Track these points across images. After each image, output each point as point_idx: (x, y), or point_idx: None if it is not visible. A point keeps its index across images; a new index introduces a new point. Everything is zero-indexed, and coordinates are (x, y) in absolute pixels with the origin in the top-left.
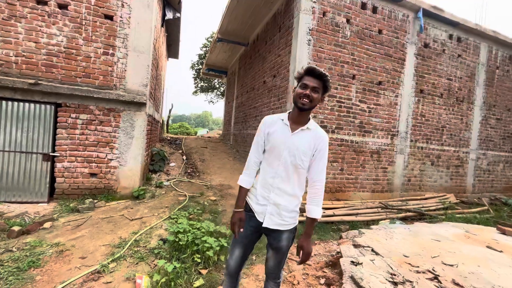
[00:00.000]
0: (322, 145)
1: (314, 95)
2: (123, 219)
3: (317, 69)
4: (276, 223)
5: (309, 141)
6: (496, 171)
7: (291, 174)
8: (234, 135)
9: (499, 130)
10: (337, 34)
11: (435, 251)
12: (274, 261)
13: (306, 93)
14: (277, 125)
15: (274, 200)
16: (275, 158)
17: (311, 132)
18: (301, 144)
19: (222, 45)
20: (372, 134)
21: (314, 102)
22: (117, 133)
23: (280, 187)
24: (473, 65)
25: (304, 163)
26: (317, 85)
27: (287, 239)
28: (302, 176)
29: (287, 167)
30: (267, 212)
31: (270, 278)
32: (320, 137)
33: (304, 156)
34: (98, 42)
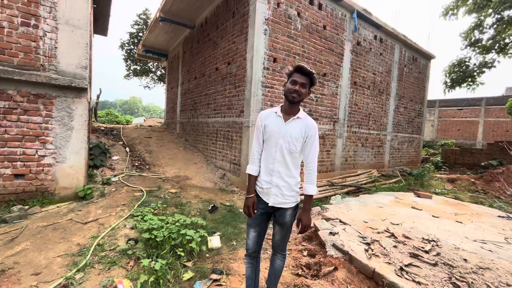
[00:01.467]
0: (312, 131)
1: (303, 90)
2: (74, 224)
3: (305, 67)
4: (280, 202)
5: (300, 128)
6: (403, 149)
7: (287, 158)
8: (182, 124)
9: (405, 116)
10: (290, 26)
11: (382, 215)
12: (280, 235)
13: (295, 88)
14: (271, 117)
15: (276, 183)
16: (272, 145)
17: (302, 120)
18: (293, 132)
19: (164, 25)
20: (318, 121)
21: (303, 96)
22: (50, 124)
23: (279, 170)
24: (389, 62)
25: (297, 148)
26: (305, 81)
27: (290, 215)
28: (296, 159)
29: (283, 152)
30: (271, 194)
31: (278, 251)
32: (309, 125)
33: (297, 141)
34: (13, 9)
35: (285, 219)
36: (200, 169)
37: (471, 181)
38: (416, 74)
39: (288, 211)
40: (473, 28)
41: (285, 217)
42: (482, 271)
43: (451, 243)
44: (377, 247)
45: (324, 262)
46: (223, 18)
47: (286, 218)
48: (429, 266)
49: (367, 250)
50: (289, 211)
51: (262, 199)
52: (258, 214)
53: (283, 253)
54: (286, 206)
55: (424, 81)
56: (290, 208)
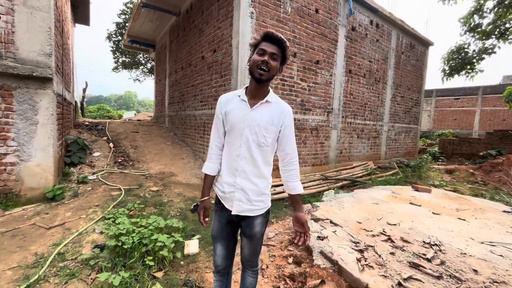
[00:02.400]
0: (287, 119)
1: (273, 63)
2: (36, 229)
3: (275, 33)
4: (246, 209)
5: (270, 115)
6: (400, 139)
7: (255, 154)
8: (170, 117)
9: (402, 105)
10: (279, 9)
11: (378, 213)
12: (249, 249)
13: (264, 59)
14: (234, 102)
15: (241, 185)
16: (236, 138)
17: (272, 105)
18: (261, 120)
19: (148, 12)
20: (311, 111)
21: (273, 71)
22: (10, 119)
23: (245, 169)
24: (386, 49)
25: (267, 140)
26: (276, 51)
27: (260, 224)
28: (267, 154)
29: (249, 147)
30: (235, 199)
31: (247, 267)
32: (283, 111)
33: (266, 132)
34: None
35: (254, 230)
36: (187, 165)
37: (470, 172)
38: (414, 62)
39: (257, 220)
40: (472, 12)
41: (253, 227)
42: (497, 286)
43: (455, 247)
44: (372, 254)
45: (310, 273)
46: (208, 2)
47: (255, 229)
48: (432, 279)
49: (359, 259)
50: (258, 220)
51: (224, 207)
52: (223, 226)
53: (253, 269)
54: (254, 214)
55: (422, 69)
56: (259, 216)
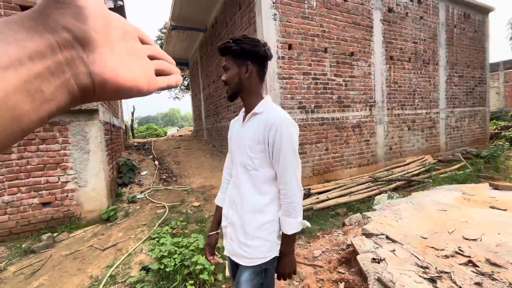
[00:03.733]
0: (273, 133)
1: (226, 76)
2: (93, 251)
3: (220, 44)
4: (235, 252)
5: (256, 130)
6: (463, 126)
7: (243, 180)
8: (208, 130)
9: (462, 87)
10: (303, 5)
11: (448, 224)
12: None
13: (222, 79)
14: (236, 122)
15: (232, 219)
16: (233, 161)
17: (260, 117)
18: (247, 137)
19: (178, 33)
20: (351, 108)
21: (232, 82)
22: (67, 150)
23: (235, 199)
24: (434, 25)
25: (254, 162)
26: (226, 61)
27: (246, 283)
28: (259, 181)
29: (238, 171)
30: (227, 236)
31: None
32: (269, 123)
33: (250, 151)
34: None
35: (238, 285)
36: None
37: None
38: (471, 34)
39: (245, 273)
40: None
41: (240, 283)
42: None
43: None
44: (448, 286)
45: None
46: (231, 13)
47: (240, 285)
48: None
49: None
50: (245, 274)
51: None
52: (229, 263)
53: None
54: (242, 262)
55: (483, 41)
56: (248, 268)
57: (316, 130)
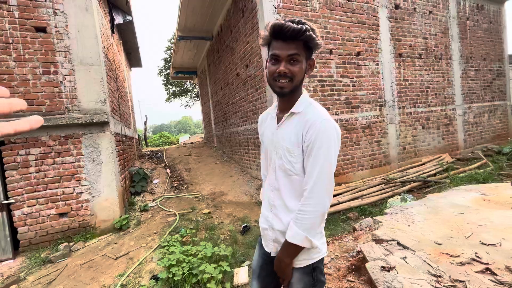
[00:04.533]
0: (311, 133)
1: (294, 68)
2: (106, 260)
3: (287, 24)
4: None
5: (295, 132)
6: (483, 122)
7: (282, 185)
8: (218, 136)
9: (479, 81)
10: (305, 8)
11: (465, 228)
12: None
13: (280, 70)
14: (268, 120)
15: (272, 223)
16: (269, 164)
17: (300, 116)
18: (284, 139)
19: (185, 43)
20: (360, 108)
21: (298, 78)
22: (81, 162)
23: (275, 204)
24: (444, 19)
25: (295, 166)
26: (295, 50)
27: (299, 282)
28: (299, 186)
29: (277, 174)
30: (268, 238)
31: None
32: (307, 122)
33: (290, 155)
34: (34, 61)
35: (291, 285)
36: (236, 182)
37: None
38: (486, 25)
39: (295, 274)
40: None
41: (292, 284)
42: None
43: None
44: None
45: None
46: (235, 20)
47: (292, 285)
48: None
49: None
50: (296, 274)
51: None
52: (262, 263)
53: None
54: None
55: (500, 32)
56: (298, 270)
57: None
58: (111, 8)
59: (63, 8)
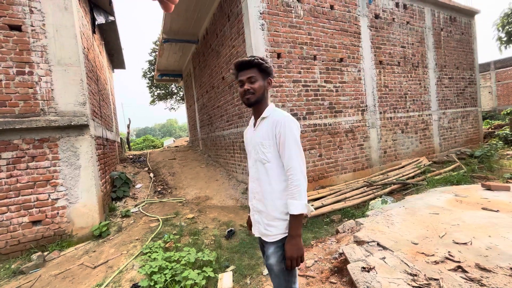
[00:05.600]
0: (279, 129)
1: (254, 85)
2: (83, 269)
3: (243, 59)
4: (260, 231)
5: (266, 129)
6: (456, 127)
7: (261, 173)
8: (203, 140)
9: (453, 88)
10: (290, 14)
11: (439, 228)
12: (273, 283)
13: (245, 89)
14: (248, 130)
15: (256, 207)
16: (249, 161)
17: (268, 119)
18: (258, 136)
19: (171, 46)
20: (343, 113)
21: (258, 92)
22: (57, 167)
23: (257, 190)
24: (421, 30)
25: (267, 155)
26: (252, 73)
27: (274, 255)
28: (272, 171)
29: (255, 166)
30: (254, 221)
31: None
32: (275, 121)
33: (263, 147)
34: (7, 61)
35: (268, 261)
36: (221, 186)
37: None
38: (458, 36)
39: (270, 249)
40: None
41: (268, 257)
42: None
43: None
44: None
45: None
46: (220, 24)
47: (269, 260)
48: None
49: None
50: (271, 249)
51: None
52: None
53: None
54: (266, 239)
55: (470, 43)
56: (273, 245)
57: (309, 137)
58: (92, 8)
59: (40, 7)
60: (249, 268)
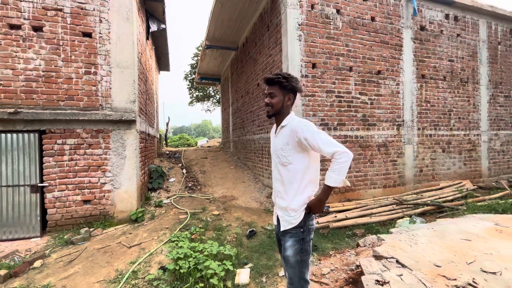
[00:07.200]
0: (299, 133)
1: (273, 100)
2: (120, 247)
3: (268, 76)
4: (282, 224)
5: (285, 137)
6: (511, 150)
7: (282, 173)
8: (234, 142)
9: (509, 108)
10: (328, 26)
11: (469, 255)
12: (286, 274)
13: (266, 102)
14: (271, 133)
15: (278, 203)
16: (273, 164)
17: (287, 128)
18: (279, 143)
19: (212, 52)
20: (376, 126)
21: (276, 106)
22: (108, 155)
23: (279, 189)
24: (473, 43)
25: (288, 159)
26: (272, 90)
27: (290, 248)
28: (294, 172)
29: (278, 168)
30: (275, 213)
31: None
32: (292, 129)
33: (283, 151)
34: (78, 62)
35: (286, 252)
36: (247, 188)
37: None
38: None
39: (289, 241)
40: None
41: (286, 249)
42: None
43: None
44: None
45: None
46: (260, 34)
47: (286, 252)
48: None
49: None
50: (289, 241)
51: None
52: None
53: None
54: (284, 227)
55: None
56: (290, 237)
57: None
58: (148, 17)
59: (107, 17)
60: (266, 267)
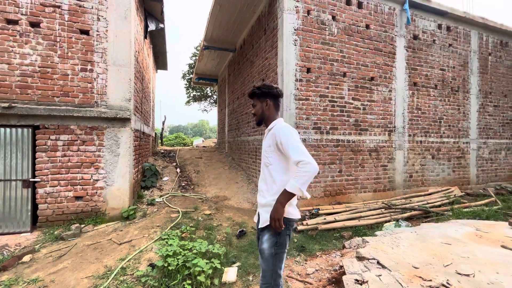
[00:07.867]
0: (277, 138)
1: (255, 110)
2: (111, 244)
3: (248, 92)
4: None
5: (269, 139)
6: (499, 159)
7: (265, 173)
8: (229, 143)
9: (498, 117)
10: (324, 32)
11: (447, 258)
12: (261, 267)
13: (252, 112)
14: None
15: (260, 201)
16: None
17: (272, 130)
18: (265, 145)
19: (210, 52)
20: (368, 131)
21: (258, 113)
22: (101, 152)
23: (262, 188)
24: (465, 53)
25: (269, 159)
26: (253, 101)
27: (267, 241)
28: (273, 172)
29: (262, 168)
30: (258, 214)
31: None
32: (273, 133)
33: (266, 152)
34: (75, 59)
35: (262, 245)
36: (240, 189)
37: None
38: (510, 63)
39: (265, 235)
40: None
41: (262, 242)
42: None
43: None
44: None
45: None
46: (257, 37)
47: (263, 245)
48: None
49: None
50: (266, 236)
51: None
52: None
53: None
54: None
55: None
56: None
57: (330, 151)
58: (147, 16)
59: (105, 15)
60: (253, 267)
